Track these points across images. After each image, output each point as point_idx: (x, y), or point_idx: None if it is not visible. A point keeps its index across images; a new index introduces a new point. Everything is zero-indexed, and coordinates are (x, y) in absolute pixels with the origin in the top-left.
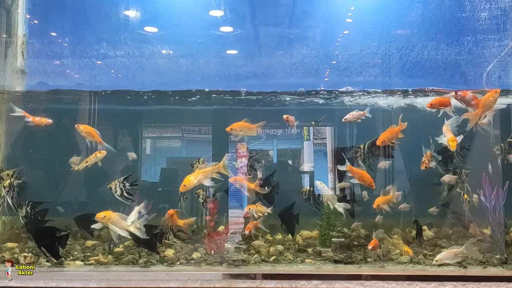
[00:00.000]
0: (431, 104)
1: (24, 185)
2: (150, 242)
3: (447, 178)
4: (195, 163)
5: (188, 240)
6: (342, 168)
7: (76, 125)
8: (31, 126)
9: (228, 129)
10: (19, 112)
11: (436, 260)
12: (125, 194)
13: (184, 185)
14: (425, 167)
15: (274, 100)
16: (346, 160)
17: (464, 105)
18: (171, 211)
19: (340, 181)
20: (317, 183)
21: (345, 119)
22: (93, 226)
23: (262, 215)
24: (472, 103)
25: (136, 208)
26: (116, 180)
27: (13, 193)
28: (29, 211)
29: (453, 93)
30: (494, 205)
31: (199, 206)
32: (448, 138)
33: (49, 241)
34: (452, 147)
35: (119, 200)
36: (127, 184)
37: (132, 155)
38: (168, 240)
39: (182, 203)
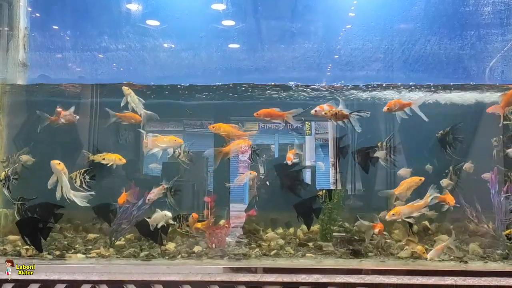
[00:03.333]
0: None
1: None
2: (155, 234)
3: (403, 171)
4: (176, 149)
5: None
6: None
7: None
8: (33, 120)
9: (255, 114)
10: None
11: (430, 259)
12: (84, 186)
13: None
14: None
15: (275, 94)
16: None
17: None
18: (195, 215)
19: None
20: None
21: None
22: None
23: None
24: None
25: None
26: (77, 171)
27: (9, 182)
28: (20, 207)
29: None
30: (502, 201)
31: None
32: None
33: (31, 231)
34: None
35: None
36: (87, 177)
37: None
38: (181, 229)
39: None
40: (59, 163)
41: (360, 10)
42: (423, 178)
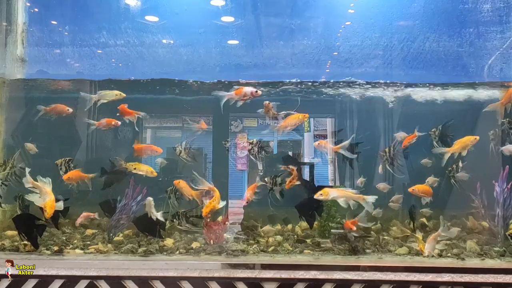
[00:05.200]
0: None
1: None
2: (153, 229)
3: (382, 186)
4: (177, 146)
5: (200, 226)
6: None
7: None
8: (32, 115)
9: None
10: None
11: (427, 255)
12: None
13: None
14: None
15: (274, 90)
16: None
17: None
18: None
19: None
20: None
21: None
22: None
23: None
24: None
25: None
26: (62, 159)
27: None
28: (20, 204)
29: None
30: (505, 199)
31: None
32: None
33: (28, 228)
34: None
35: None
36: (71, 165)
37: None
38: (181, 226)
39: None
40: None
41: (360, 7)
42: (478, 137)
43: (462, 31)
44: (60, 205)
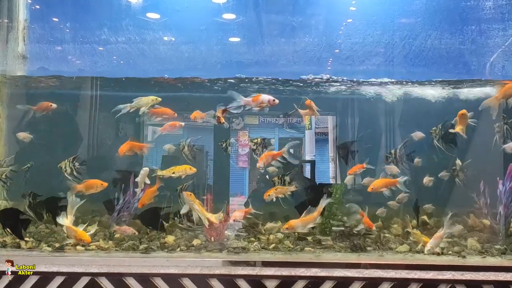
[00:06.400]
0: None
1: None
2: (156, 223)
3: (367, 181)
4: (182, 141)
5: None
6: None
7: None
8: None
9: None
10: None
11: (429, 250)
12: (74, 173)
13: None
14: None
15: (275, 88)
16: None
17: None
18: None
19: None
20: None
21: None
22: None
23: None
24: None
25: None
26: (66, 160)
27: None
28: (31, 201)
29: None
30: (508, 198)
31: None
32: None
33: (13, 222)
34: None
35: None
36: (76, 164)
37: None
38: (182, 224)
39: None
40: (190, 194)
41: (361, 5)
42: None
43: (464, 28)
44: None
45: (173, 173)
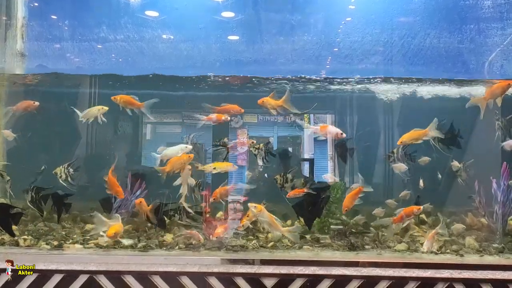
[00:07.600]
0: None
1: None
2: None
3: (378, 211)
4: (185, 137)
5: (200, 221)
6: None
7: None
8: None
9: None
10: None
11: (425, 251)
12: (69, 179)
13: None
14: None
15: (275, 86)
16: None
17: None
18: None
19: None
20: None
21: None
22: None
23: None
24: None
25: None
26: (61, 166)
27: None
28: (34, 196)
29: None
30: (505, 196)
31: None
32: None
33: (3, 217)
34: None
35: None
36: (71, 170)
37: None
38: (181, 221)
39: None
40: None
41: (360, 3)
42: None
43: (463, 27)
44: None
45: (214, 168)
